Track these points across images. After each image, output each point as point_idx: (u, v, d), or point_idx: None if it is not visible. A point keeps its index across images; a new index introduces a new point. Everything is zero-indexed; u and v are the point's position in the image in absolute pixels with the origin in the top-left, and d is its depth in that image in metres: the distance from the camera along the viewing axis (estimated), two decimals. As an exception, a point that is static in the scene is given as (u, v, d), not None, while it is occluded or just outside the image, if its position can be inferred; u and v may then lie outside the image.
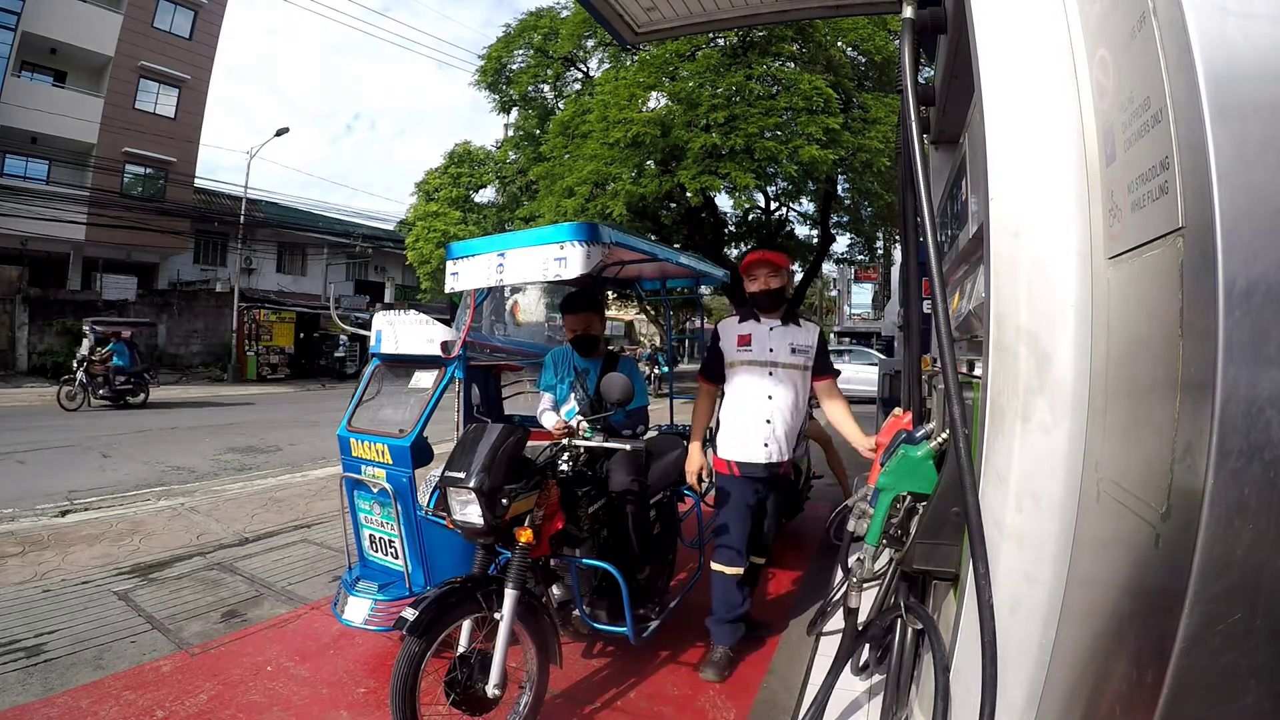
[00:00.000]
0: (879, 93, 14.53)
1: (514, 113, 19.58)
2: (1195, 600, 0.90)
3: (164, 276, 25.37)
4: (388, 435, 2.97)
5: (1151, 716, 0.96)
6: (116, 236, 22.25)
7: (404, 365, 3.25)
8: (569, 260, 2.62)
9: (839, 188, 17.35)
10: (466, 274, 2.98)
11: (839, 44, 14.75)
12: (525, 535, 2.38)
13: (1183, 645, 0.91)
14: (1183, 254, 0.94)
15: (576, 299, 3.39)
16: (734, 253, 20.03)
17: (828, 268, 28.48)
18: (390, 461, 2.91)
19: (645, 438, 3.50)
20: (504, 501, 2.30)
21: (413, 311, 3.19)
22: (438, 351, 2.98)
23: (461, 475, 2.31)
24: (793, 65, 14.44)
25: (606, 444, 2.66)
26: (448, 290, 3.11)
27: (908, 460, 1.74)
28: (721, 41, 14.36)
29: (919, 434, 1.89)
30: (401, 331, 3.11)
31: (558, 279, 2.69)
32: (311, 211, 29.89)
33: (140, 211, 22.48)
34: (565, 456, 2.69)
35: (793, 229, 20.29)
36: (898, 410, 2.69)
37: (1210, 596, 0.90)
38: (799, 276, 20.80)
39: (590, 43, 17.03)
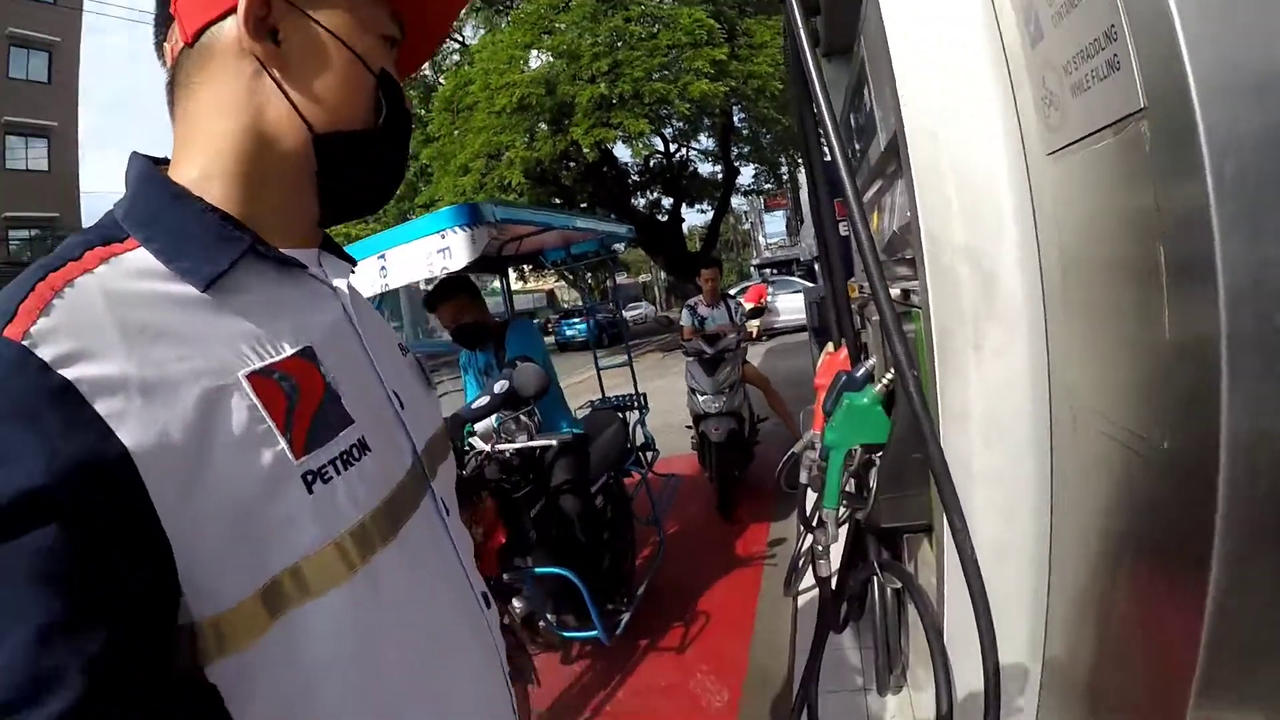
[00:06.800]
0: (761, 15, 14.26)
1: (394, 96, 18.50)
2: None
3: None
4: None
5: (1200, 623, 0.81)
6: None
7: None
8: (453, 249, 2.33)
9: (735, 119, 17.16)
10: (355, 284, 2.66)
11: (713, -30, 14.35)
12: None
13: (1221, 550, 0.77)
14: (1149, 139, 0.77)
15: (434, 292, 2.95)
16: (641, 203, 19.67)
17: (736, 201, 28.40)
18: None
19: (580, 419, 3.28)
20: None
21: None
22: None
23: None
24: (670, 0, 14.01)
25: (532, 443, 2.42)
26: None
27: (854, 409, 1.57)
28: (593, -13, 13.76)
29: (859, 374, 1.72)
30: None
31: (445, 272, 2.41)
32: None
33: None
34: (490, 464, 2.45)
35: (696, 168, 20.07)
36: (830, 346, 2.53)
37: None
38: (710, 215, 20.63)
39: (461, 11, 16.10)
